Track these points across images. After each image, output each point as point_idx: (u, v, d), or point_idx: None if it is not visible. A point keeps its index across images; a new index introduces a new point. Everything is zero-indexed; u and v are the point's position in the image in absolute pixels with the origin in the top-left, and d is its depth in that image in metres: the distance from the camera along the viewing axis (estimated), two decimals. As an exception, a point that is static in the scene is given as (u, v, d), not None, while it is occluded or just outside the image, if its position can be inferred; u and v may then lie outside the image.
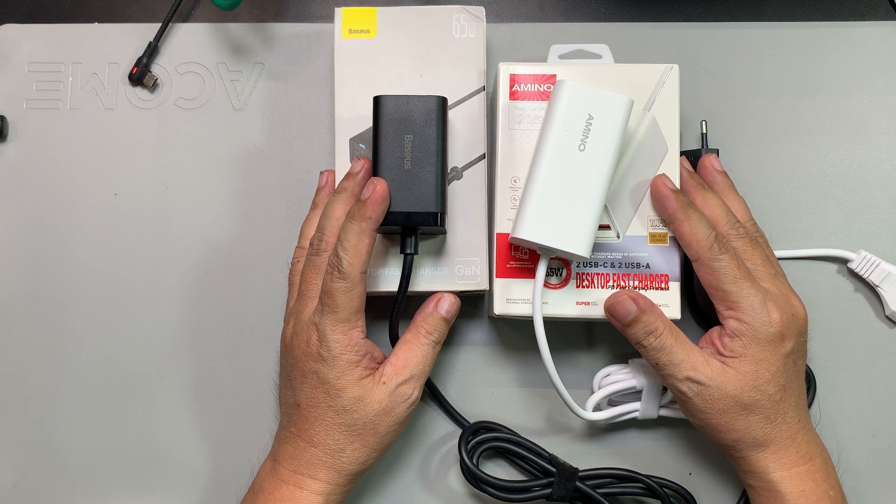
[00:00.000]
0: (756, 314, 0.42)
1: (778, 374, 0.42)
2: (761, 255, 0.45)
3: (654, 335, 0.43)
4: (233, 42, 0.54)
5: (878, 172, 0.52)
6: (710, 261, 0.43)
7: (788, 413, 0.43)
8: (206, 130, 0.53)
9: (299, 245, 0.48)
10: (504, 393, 0.51)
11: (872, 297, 0.51)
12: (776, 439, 0.43)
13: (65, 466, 0.51)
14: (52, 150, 0.53)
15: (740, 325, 0.42)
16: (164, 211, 0.52)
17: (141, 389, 0.51)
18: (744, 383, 0.42)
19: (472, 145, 0.47)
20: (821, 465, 0.44)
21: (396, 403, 0.43)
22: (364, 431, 0.43)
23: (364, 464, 0.44)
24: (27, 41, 0.53)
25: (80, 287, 0.52)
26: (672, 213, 0.44)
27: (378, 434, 0.43)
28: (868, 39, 0.53)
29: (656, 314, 0.43)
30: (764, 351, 0.42)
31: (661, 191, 0.44)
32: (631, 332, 0.43)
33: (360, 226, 0.42)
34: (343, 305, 0.42)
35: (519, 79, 0.47)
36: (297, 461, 0.43)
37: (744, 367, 0.42)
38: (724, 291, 0.43)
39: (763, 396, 0.42)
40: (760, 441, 0.43)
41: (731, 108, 0.53)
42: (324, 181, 0.49)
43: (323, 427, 0.42)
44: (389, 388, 0.43)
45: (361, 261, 0.42)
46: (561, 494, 0.46)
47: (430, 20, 0.48)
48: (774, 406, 0.43)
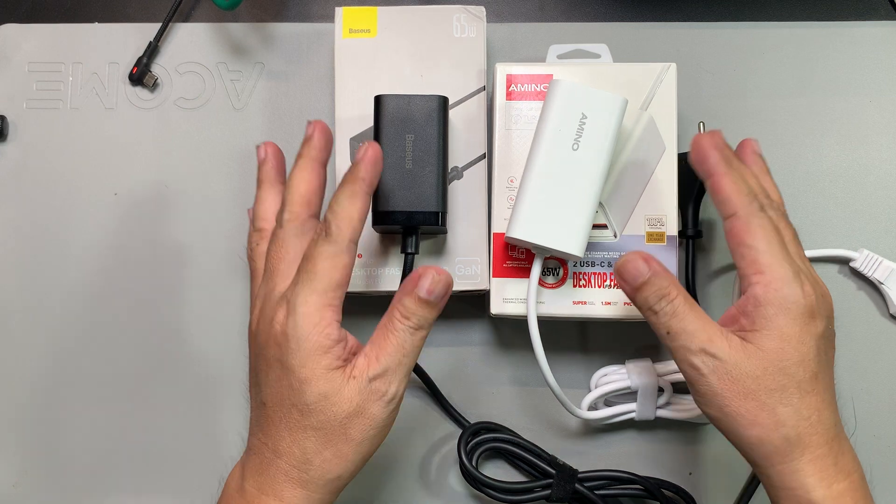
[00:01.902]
0: (787, 282, 0.36)
1: (809, 358, 0.36)
2: (792, 232, 0.41)
3: (666, 299, 0.37)
4: (233, 42, 0.54)
5: (879, 172, 0.52)
6: (750, 216, 0.37)
7: (824, 411, 0.36)
8: (206, 130, 0.53)
9: (252, 226, 0.43)
10: (504, 393, 0.51)
11: (875, 297, 0.51)
12: (812, 443, 0.36)
13: (65, 466, 0.51)
14: (52, 150, 0.53)
15: (767, 291, 0.36)
16: (164, 211, 0.52)
17: (141, 389, 0.51)
18: (768, 363, 0.36)
19: (472, 145, 0.47)
20: (860, 481, 0.38)
21: (370, 402, 0.36)
22: (334, 437, 0.36)
23: (339, 479, 0.37)
24: (27, 41, 0.54)
25: (79, 287, 0.52)
26: (713, 165, 0.38)
27: (352, 441, 0.36)
28: (868, 39, 0.53)
29: (670, 278, 0.38)
30: (792, 325, 0.36)
31: (704, 144, 0.39)
32: (641, 297, 0.38)
33: (352, 188, 0.37)
34: (322, 273, 0.36)
35: (516, 79, 0.47)
36: (262, 477, 0.37)
37: (768, 342, 0.36)
38: (756, 251, 0.37)
39: (791, 382, 0.36)
40: (792, 441, 0.36)
41: (730, 108, 0.53)
42: (263, 154, 0.43)
43: (288, 431, 0.36)
44: (360, 383, 0.36)
45: (352, 226, 0.37)
46: (560, 496, 0.46)
47: (430, 20, 0.48)
48: (805, 397, 0.36)
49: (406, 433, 0.50)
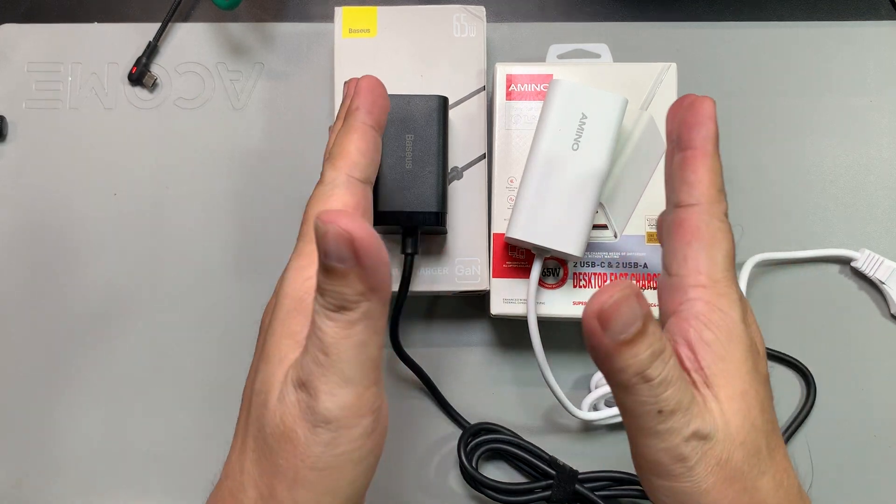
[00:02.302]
0: (734, 304, 0.28)
1: (766, 403, 0.28)
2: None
3: (662, 359, 0.26)
4: (232, 42, 0.54)
5: (879, 172, 0.52)
6: (716, 217, 0.30)
7: (789, 470, 0.29)
8: (206, 130, 0.53)
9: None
10: (504, 393, 0.51)
11: (877, 297, 0.51)
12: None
13: (65, 466, 0.50)
14: (51, 150, 0.53)
15: (711, 310, 0.28)
16: (164, 211, 0.52)
17: (141, 389, 0.51)
18: (741, 418, 0.27)
19: (472, 145, 0.47)
20: None
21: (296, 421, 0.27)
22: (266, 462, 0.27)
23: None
24: (26, 41, 0.53)
25: (79, 287, 0.52)
26: (703, 138, 0.30)
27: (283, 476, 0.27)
28: (868, 39, 0.53)
29: (657, 322, 0.27)
30: (745, 360, 0.28)
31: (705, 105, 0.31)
32: (630, 357, 0.26)
33: (348, 122, 0.33)
34: (311, 217, 0.30)
35: (516, 79, 0.47)
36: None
37: (730, 385, 0.28)
38: (712, 258, 0.29)
39: (761, 439, 0.28)
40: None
41: (730, 108, 0.53)
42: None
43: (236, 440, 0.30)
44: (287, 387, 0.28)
45: (349, 161, 0.31)
46: (560, 497, 0.46)
47: (430, 19, 0.48)
48: (773, 455, 0.28)
49: (406, 433, 0.50)
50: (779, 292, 0.51)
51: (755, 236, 0.52)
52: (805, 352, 0.50)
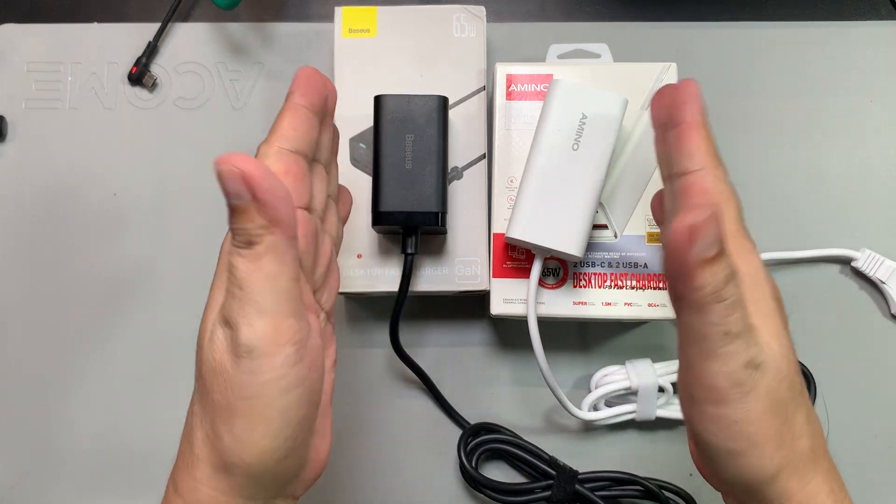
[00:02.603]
0: (755, 254, 0.31)
1: (790, 345, 0.30)
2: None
3: (735, 283, 0.27)
4: (232, 42, 0.54)
5: (879, 172, 0.52)
6: (720, 179, 0.31)
7: (812, 414, 0.30)
8: (206, 130, 0.53)
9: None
10: (504, 393, 0.51)
11: (877, 297, 0.51)
12: (820, 455, 0.30)
13: (65, 466, 0.50)
14: (51, 150, 0.53)
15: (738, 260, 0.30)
16: (164, 211, 0.52)
17: (141, 389, 0.51)
18: (782, 351, 0.29)
19: (472, 145, 0.47)
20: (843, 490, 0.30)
21: (222, 355, 0.29)
22: (207, 401, 0.29)
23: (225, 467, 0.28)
24: (26, 41, 0.53)
25: (79, 287, 0.52)
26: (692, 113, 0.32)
27: (220, 411, 0.28)
28: (868, 39, 0.53)
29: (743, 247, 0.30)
30: (771, 302, 0.30)
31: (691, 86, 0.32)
32: (710, 276, 0.26)
33: (283, 105, 0.33)
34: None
35: (516, 79, 0.47)
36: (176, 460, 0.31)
37: (767, 323, 0.29)
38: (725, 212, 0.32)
39: (796, 376, 0.29)
40: (808, 457, 0.29)
41: (730, 108, 0.53)
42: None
43: (194, 389, 0.31)
44: (212, 320, 0.30)
45: (277, 133, 0.32)
46: (560, 497, 0.46)
47: (430, 19, 0.48)
48: (803, 392, 0.30)
49: (406, 433, 0.50)
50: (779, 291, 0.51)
51: (755, 236, 0.51)
52: (805, 352, 0.50)
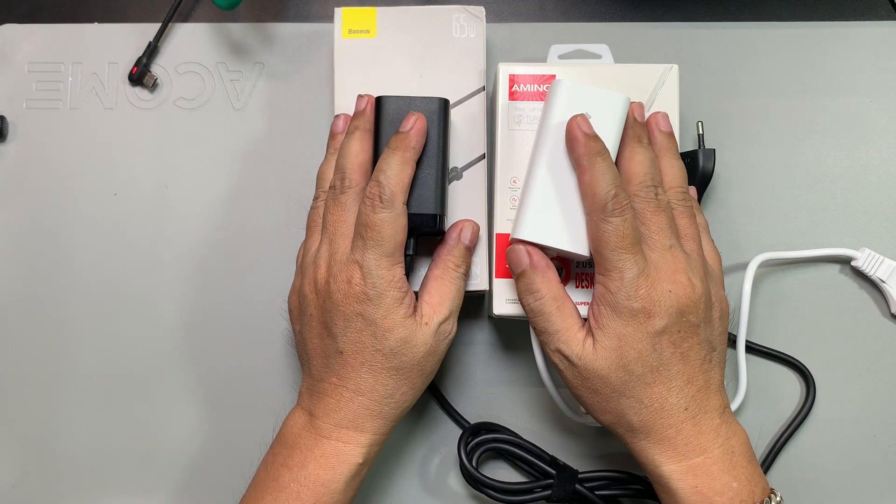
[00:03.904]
0: (622, 284, 0.39)
1: (646, 354, 0.39)
2: (662, 222, 0.41)
3: (534, 296, 0.41)
4: (233, 42, 0.54)
5: (879, 172, 0.52)
6: (600, 220, 0.40)
7: (668, 399, 0.39)
8: (206, 130, 0.53)
9: (320, 188, 0.46)
10: (504, 393, 0.51)
11: (877, 296, 0.51)
12: (655, 428, 0.39)
13: (65, 466, 0.50)
14: (51, 150, 0.53)
15: (604, 293, 0.40)
16: (164, 211, 0.52)
17: (141, 389, 0.51)
18: (610, 362, 0.39)
19: (471, 145, 0.47)
20: (720, 455, 0.39)
21: (439, 342, 0.42)
22: (412, 374, 0.41)
23: (409, 408, 0.43)
24: (27, 41, 0.53)
25: (79, 287, 0.52)
26: (577, 159, 0.41)
27: (424, 374, 0.42)
28: (868, 39, 0.53)
29: (545, 277, 0.41)
30: (626, 326, 0.39)
31: (572, 132, 0.41)
32: (517, 286, 0.42)
33: (404, 155, 0.41)
34: (388, 238, 0.40)
35: (518, 79, 0.47)
36: (341, 414, 0.41)
37: (608, 342, 0.39)
38: (600, 255, 0.40)
39: (631, 378, 0.39)
40: (636, 427, 0.40)
41: (731, 108, 0.53)
42: (340, 126, 0.47)
43: (371, 373, 0.41)
44: (432, 328, 0.41)
45: (404, 190, 0.41)
46: (560, 496, 0.46)
47: (430, 20, 0.48)
48: (646, 389, 0.39)
49: (406, 433, 0.50)
50: (779, 292, 0.51)
51: (755, 236, 0.52)
52: (805, 351, 0.51)
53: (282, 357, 0.51)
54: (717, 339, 0.42)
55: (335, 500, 0.41)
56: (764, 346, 0.50)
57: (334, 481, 0.41)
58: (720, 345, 0.42)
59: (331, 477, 0.41)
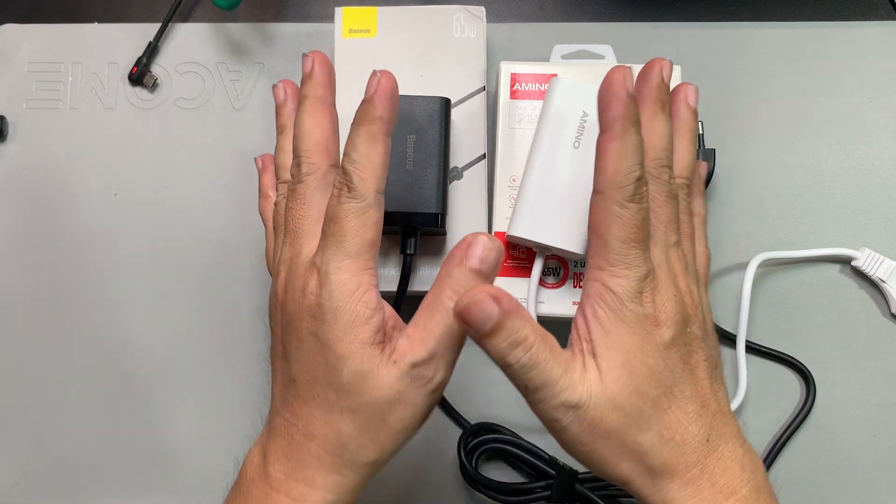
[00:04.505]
0: (629, 284, 0.32)
1: (658, 371, 0.32)
2: (670, 214, 0.34)
3: (522, 347, 0.31)
4: (233, 42, 0.54)
5: (879, 172, 0.52)
6: (615, 202, 0.32)
7: (689, 428, 0.32)
8: (206, 130, 0.53)
9: (280, 179, 0.39)
10: (504, 393, 0.51)
11: (877, 296, 0.51)
12: (679, 469, 0.32)
13: (65, 466, 0.50)
14: (51, 150, 0.53)
15: (605, 293, 0.32)
16: (164, 211, 0.52)
17: (141, 389, 0.51)
18: (622, 384, 0.31)
19: (472, 145, 0.47)
20: (748, 494, 0.32)
21: (412, 390, 0.32)
22: (372, 423, 0.32)
23: (375, 464, 0.34)
24: (27, 41, 0.53)
25: (79, 287, 0.52)
26: (610, 119, 0.32)
27: (390, 429, 0.33)
28: (868, 39, 0.53)
29: (523, 318, 0.31)
30: (633, 335, 0.32)
31: (615, 86, 0.32)
32: (491, 345, 0.31)
33: (370, 129, 0.33)
34: (352, 233, 0.32)
35: (520, 78, 0.47)
36: (291, 461, 0.33)
37: (613, 358, 0.31)
38: (606, 245, 0.32)
39: (646, 403, 0.31)
40: (658, 471, 0.32)
41: (730, 107, 0.53)
42: (281, 95, 0.39)
43: (322, 412, 0.33)
44: (401, 368, 0.32)
45: (376, 174, 0.33)
46: (560, 497, 0.46)
47: (430, 20, 0.48)
48: (663, 417, 0.32)
49: (406, 433, 0.50)
50: (779, 292, 0.51)
51: (755, 236, 0.52)
52: (805, 352, 0.50)
53: (282, 357, 0.51)
54: (716, 353, 0.35)
55: None
56: (764, 346, 0.50)
57: None
58: (719, 360, 0.35)
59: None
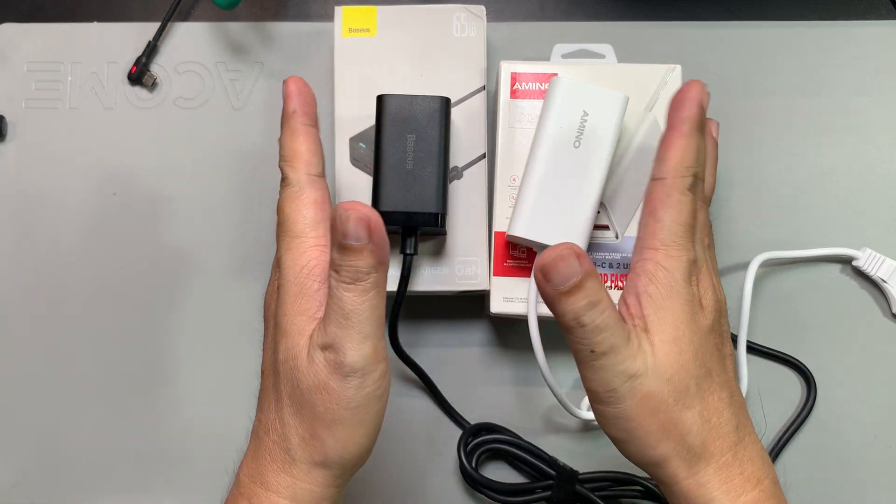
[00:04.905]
0: (682, 264, 0.33)
1: (702, 351, 0.33)
2: (704, 219, 0.38)
3: (598, 309, 0.32)
4: (232, 41, 0.54)
5: (880, 171, 0.52)
6: (678, 189, 0.34)
7: (724, 412, 0.33)
8: (206, 130, 0.53)
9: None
10: (504, 393, 0.51)
11: (878, 296, 0.51)
12: (715, 452, 0.33)
13: (65, 466, 0.50)
14: (51, 149, 0.53)
15: (659, 270, 0.33)
16: (164, 211, 0.52)
17: (141, 389, 0.51)
18: (672, 357, 0.32)
19: (472, 145, 0.47)
20: (770, 486, 0.34)
21: (329, 376, 0.31)
22: (305, 412, 0.32)
23: (324, 466, 0.32)
24: (26, 41, 0.53)
25: (79, 287, 0.51)
26: (680, 120, 0.35)
27: (321, 420, 0.32)
28: (868, 39, 0.53)
29: (600, 280, 0.32)
30: (683, 312, 0.33)
31: (694, 96, 0.35)
32: (569, 305, 0.32)
33: (288, 125, 0.38)
34: (291, 216, 0.35)
35: (520, 77, 0.47)
36: (254, 461, 0.34)
37: (665, 332, 0.33)
38: (662, 226, 0.34)
39: (690, 380, 0.32)
40: (697, 451, 0.32)
41: (731, 107, 0.53)
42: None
43: (271, 401, 0.33)
44: (314, 352, 0.32)
45: (303, 160, 0.36)
46: (561, 497, 0.46)
47: (430, 19, 0.48)
48: (704, 396, 0.33)
49: (406, 433, 0.50)
50: (780, 291, 0.51)
51: (756, 236, 0.52)
52: (805, 351, 0.50)
53: (281, 357, 0.51)
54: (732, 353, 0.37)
55: None
56: (764, 346, 0.50)
57: None
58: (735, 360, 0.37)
59: None
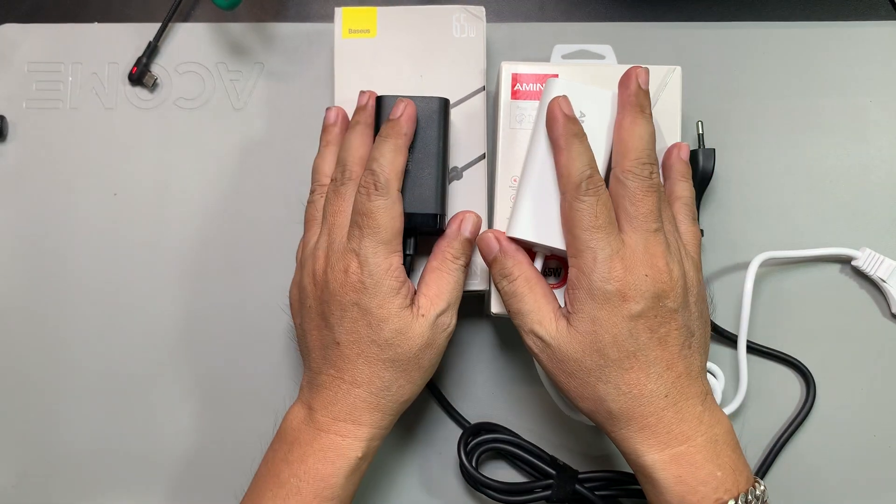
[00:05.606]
0: (595, 266, 0.39)
1: (622, 339, 0.39)
2: (651, 204, 0.40)
3: (508, 279, 0.42)
4: (233, 42, 0.54)
5: (880, 172, 0.52)
6: (573, 199, 0.40)
7: (647, 385, 0.39)
8: (206, 130, 0.53)
9: (316, 182, 0.46)
10: (504, 393, 0.51)
11: (877, 296, 0.51)
12: (635, 416, 0.39)
13: (65, 466, 0.50)
14: (51, 150, 0.53)
15: (578, 275, 0.39)
16: (164, 211, 0.52)
17: (141, 389, 0.51)
18: (585, 345, 0.39)
19: (471, 145, 0.47)
20: (704, 443, 0.39)
21: (437, 334, 0.42)
22: (409, 367, 0.41)
23: (408, 402, 0.42)
24: (27, 41, 0.53)
25: (79, 287, 0.52)
26: (555, 139, 0.41)
27: (422, 368, 0.42)
28: (868, 39, 0.53)
29: (516, 260, 0.42)
30: (600, 309, 0.39)
31: (553, 112, 0.41)
32: (491, 272, 0.43)
33: (396, 142, 0.42)
34: (384, 225, 0.40)
35: (521, 78, 0.47)
36: (338, 406, 0.41)
37: (582, 325, 0.39)
38: (573, 236, 0.40)
39: (607, 362, 0.39)
40: (616, 415, 0.39)
41: (731, 107, 0.53)
42: (333, 118, 0.46)
43: (367, 364, 0.41)
44: (429, 320, 0.41)
45: (398, 177, 0.41)
46: (560, 496, 0.46)
47: (430, 20, 0.48)
48: (623, 375, 0.39)
49: (406, 433, 0.50)
50: (780, 291, 0.51)
51: (755, 236, 0.52)
52: (805, 351, 0.50)
53: (282, 356, 0.51)
54: (696, 323, 0.41)
55: (335, 494, 0.41)
56: (764, 346, 0.50)
57: (334, 476, 0.40)
58: (699, 329, 0.41)
59: (330, 471, 0.40)
